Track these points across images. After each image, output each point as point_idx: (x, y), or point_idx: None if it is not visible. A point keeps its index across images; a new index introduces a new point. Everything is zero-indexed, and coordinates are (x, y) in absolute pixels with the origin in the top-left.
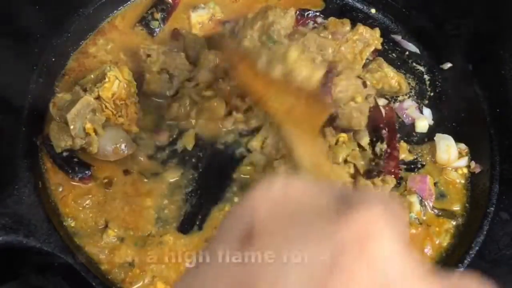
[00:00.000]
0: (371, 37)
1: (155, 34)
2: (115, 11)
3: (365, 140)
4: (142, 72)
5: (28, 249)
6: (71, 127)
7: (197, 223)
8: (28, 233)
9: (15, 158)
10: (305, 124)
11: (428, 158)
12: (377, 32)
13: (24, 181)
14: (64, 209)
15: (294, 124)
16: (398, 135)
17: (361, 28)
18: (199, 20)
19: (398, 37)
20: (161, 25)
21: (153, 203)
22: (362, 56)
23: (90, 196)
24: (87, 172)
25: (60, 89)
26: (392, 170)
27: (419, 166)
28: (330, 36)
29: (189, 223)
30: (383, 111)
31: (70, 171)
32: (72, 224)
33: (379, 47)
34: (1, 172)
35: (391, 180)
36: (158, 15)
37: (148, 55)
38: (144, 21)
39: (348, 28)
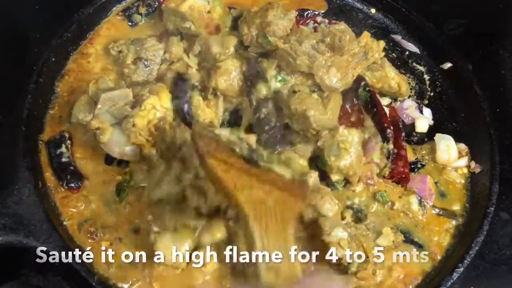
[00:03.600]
0: (371, 51)
1: (133, 25)
2: (114, 11)
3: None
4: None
5: (28, 249)
6: (99, 106)
7: None
8: (28, 233)
9: (15, 158)
10: (277, 215)
11: (428, 158)
12: (381, 44)
13: (24, 181)
14: (64, 209)
15: (263, 217)
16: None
17: (365, 39)
18: (193, 4)
19: (398, 37)
20: (143, 20)
21: None
22: (354, 72)
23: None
24: (78, 183)
25: (61, 89)
26: (402, 170)
27: (419, 166)
28: (326, 49)
29: None
30: (386, 110)
31: (62, 177)
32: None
33: (379, 61)
34: (1, 172)
35: None
36: (143, 10)
37: (120, 51)
38: (128, 12)
39: (347, 39)
